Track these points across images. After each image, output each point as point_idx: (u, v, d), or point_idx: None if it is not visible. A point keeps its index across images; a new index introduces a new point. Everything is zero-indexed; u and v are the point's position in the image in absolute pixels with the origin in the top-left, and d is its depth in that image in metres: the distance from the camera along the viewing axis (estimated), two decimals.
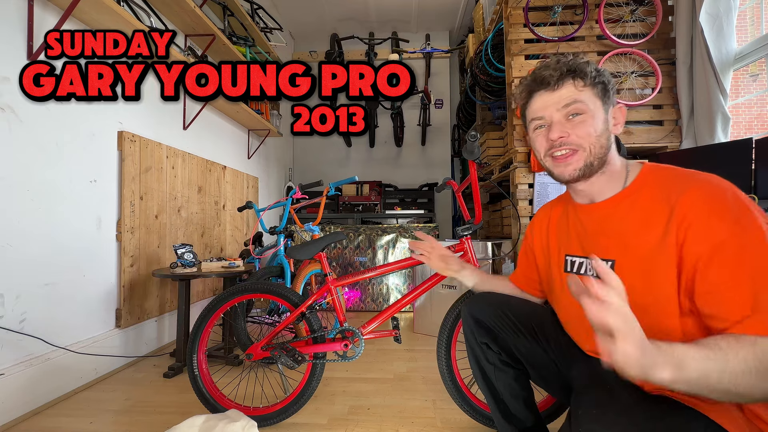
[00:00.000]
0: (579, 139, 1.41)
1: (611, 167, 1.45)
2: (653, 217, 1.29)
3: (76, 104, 3.01)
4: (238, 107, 4.99)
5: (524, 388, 1.85)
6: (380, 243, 5.46)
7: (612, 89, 1.45)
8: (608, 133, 1.43)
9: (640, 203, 1.35)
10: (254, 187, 6.25)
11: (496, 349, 1.81)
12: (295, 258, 2.56)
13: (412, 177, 8.39)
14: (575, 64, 1.43)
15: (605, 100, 1.43)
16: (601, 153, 1.41)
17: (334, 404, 2.69)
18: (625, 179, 1.44)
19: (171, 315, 3.99)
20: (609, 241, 1.41)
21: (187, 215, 4.33)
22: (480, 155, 2.65)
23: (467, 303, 1.92)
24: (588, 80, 1.41)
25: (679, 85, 3.97)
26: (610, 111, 1.45)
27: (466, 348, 1.94)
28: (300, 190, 3.68)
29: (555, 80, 1.44)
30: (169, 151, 4.01)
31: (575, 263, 1.56)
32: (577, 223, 1.57)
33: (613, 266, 1.37)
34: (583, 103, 1.40)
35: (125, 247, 3.39)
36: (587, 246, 1.51)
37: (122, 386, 3.01)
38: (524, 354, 1.76)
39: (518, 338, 1.76)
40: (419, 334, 4.28)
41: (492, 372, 1.85)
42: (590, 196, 1.51)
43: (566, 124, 1.43)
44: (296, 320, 2.43)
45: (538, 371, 1.78)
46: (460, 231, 2.46)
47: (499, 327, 1.79)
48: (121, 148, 3.39)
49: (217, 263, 3.45)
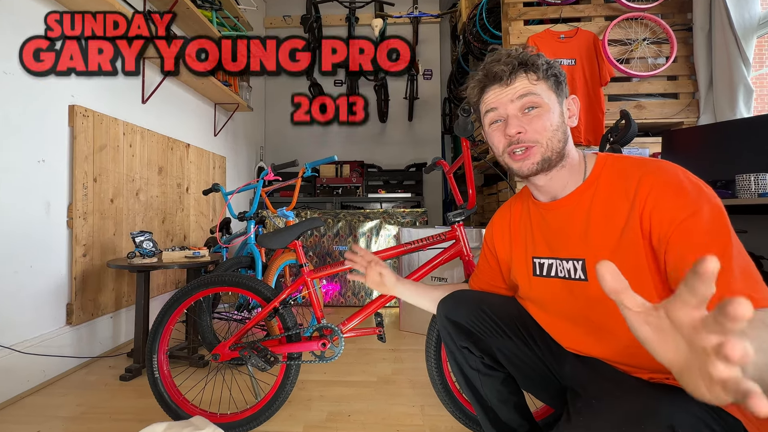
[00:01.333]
0: (536, 135, 1.46)
1: (570, 160, 1.51)
2: (615, 208, 1.37)
3: (23, 76, 3.00)
4: (203, 78, 4.95)
5: (513, 392, 1.84)
6: (362, 230, 5.49)
7: (564, 81, 1.52)
8: (564, 126, 1.50)
9: (600, 195, 1.43)
10: (221, 168, 6.24)
11: (479, 354, 1.79)
12: (267, 247, 2.57)
13: (398, 156, 8.40)
14: (526, 57, 1.49)
15: (559, 93, 1.50)
16: (558, 147, 1.47)
17: (310, 410, 2.70)
18: (584, 171, 1.51)
19: (128, 311, 3.99)
20: (576, 240, 1.48)
21: (147, 199, 4.32)
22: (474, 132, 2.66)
23: (441, 303, 1.91)
24: (541, 73, 1.47)
25: (696, 53, 3.96)
26: (564, 103, 1.52)
27: (446, 353, 1.95)
28: (272, 171, 3.69)
29: (507, 74, 1.49)
30: (127, 128, 3.99)
31: (544, 265, 1.60)
32: (541, 223, 1.63)
33: (584, 266, 1.45)
34: (537, 95, 1.46)
35: (77, 234, 3.39)
36: (555, 246, 1.56)
37: (74, 390, 3.01)
38: (509, 356, 1.75)
39: (502, 339, 1.75)
40: (406, 332, 4.31)
41: (477, 378, 1.83)
42: (552, 192, 1.56)
43: (522, 118, 1.48)
44: (268, 316, 2.44)
45: (525, 374, 1.76)
46: (451, 217, 2.47)
47: (480, 328, 1.78)
48: (72, 124, 3.37)
49: (179, 252, 3.46)
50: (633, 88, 4.19)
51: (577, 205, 1.48)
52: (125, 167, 3.96)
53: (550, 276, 1.57)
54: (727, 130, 3.27)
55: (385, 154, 8.42)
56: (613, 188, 1.39)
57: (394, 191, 7.86)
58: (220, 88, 5.40)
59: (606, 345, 1.44)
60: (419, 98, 8.22)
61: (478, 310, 1.80)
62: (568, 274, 1.50)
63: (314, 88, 7.58)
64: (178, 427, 2.09)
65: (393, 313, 5.05)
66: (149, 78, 4.42)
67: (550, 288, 1.58)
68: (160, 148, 4.55)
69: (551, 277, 1.57)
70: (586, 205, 1.45)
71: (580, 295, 1.48)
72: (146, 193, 4.30)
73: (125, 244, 3.93)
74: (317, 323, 2.46)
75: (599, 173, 1.46)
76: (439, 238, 2.47)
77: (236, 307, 3.55)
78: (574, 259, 1.48)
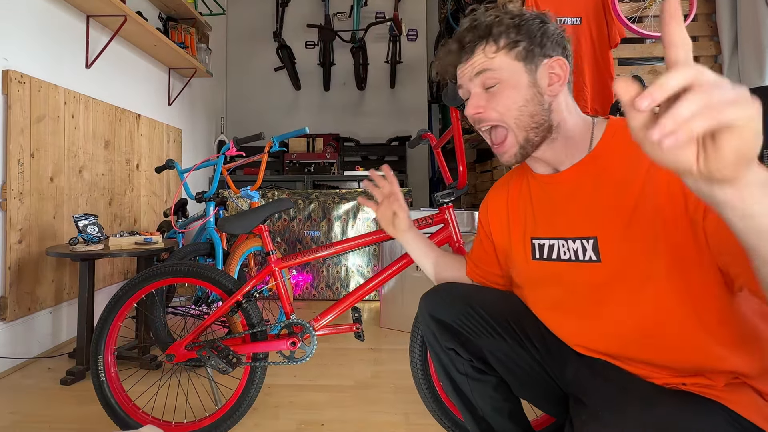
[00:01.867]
0: (496, 114, 1.45)
1: (565, 132, 1.47)
2: (629, 178, 1.32)
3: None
4: (155, 39, 4.91)
5: (507, 398, 1.79)
6: (337, 213, 5.50)
7: (541, 43, 1.44)
8: (539, 98, 1.44)
9: (611, 165, 1.39)
10: (177, 142, 6.20)
11: (467, 356, 1.74)
12: (229, 232, 2.55)
13: (378, 129, 8.42)
14: (484, 26, 1.46)
15: (530, 60, 1.44)
16: (533, 122, 1.44)
17: (278, 419, 2.69)
18: (590, 141, 1.47)
19: (70, 305, 3.97)
20: (584, 216, 1.44)
21: (91, 177, 4.28)
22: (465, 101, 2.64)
23: (424, 299, 1.87)
24: (502, 42, 1.44)
25: (719, 11, 3.94)
26: (542, 69, 1.45)
27: (431, 355, 1.90)
28: (235, 146, 3.66)
29: (465, 48, 1.50)
30: (68, 96, 3.94)
31: (544, 247, 1.57)
32: (542, 198, 1.60)
33: (596, 244, 1.40)
34: (494, 71, 1.44)
35: (11, 217, 3.35)
36: (558, 224, 1.53)
37: (7, 395, 3.00)
38: (502, 359, 1.71)
39: (493, 340, 1.70)
40: (387, 330, 4.33)
41: (466, 383, 1.78)
42: (551, 164, 1.54)
43: (483, 96, 1.48)
44: (230, 311, 2.43)
45: (521, 379, 1.72)
46: (439, 197, 2.45)
47: (468, 328, 1.73)
48: (6, 91, 3.32)
49: (129, 238, 3.43)
50: (646, 51, 4.18)
51: (583, 177, 1.45)
52: (67, 141, 3.91)
53: (551, 259, 1.53)
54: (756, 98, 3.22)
55: (364, 127, 8.44)
56: (625, 156, 1.35)
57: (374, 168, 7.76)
58: (175, 51, 5.34)
59: (613, 337, 1.41)
60: (403, 62, 8.22)
61: (466, 306, 1.75)
62: (575, 255, 1.46)
63: (283, 51, 7.55)
64: None
65: (373, 308, 5.07)
66: (94, 38, 4.36)
67: (550, 273, 1.54)
68: (106, 119, 4.50)
69: (552, 260, 1.53)
70: (593, 177, 1.42)
71: (587, 280, 1.43)
72: (91, 170, 4.26)
73: (67, 228, 3.89)
74: (286, 319, 2.45)
75: (609, 141, 1.43)
76: (425, 222, 2.45)
77: (193, 301, 3.54)
78: (582, 237, 1.43)
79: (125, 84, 4.97)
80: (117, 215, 4.70)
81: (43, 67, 3.71)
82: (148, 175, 5.34)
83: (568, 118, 1.47)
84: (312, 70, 8.33)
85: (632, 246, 1.30)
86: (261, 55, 8.35)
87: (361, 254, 5.42)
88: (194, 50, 6.04)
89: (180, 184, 5.34)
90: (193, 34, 5.99)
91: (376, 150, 8.15)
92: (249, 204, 4.22)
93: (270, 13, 8.28)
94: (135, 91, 5.18)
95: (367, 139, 8.32)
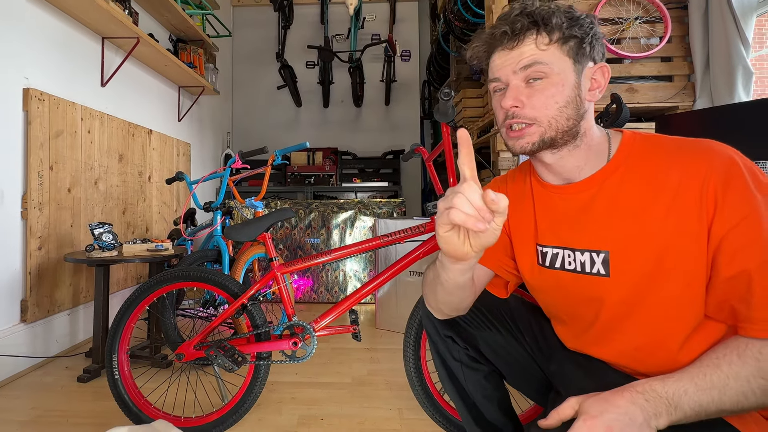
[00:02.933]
0: (534, 111, 1.31)
1: (589, 140, 1.35)
2: (650, 197, 1.23)
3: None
4: (166, 59, 4.94)
5: (497, 388, 1.78)
6: (336, 221, 5.52)
7: (591, 43, 1.31)
8: (578, 101, 1.31)
9: (629, 180, 1.29)
10: (186, 155, 6.21)
11: (463, 344, 1.74)
12: (235, 239, 2.56)
13: (374, 143, 8.42)
14: (540, 13, 1.30)
15: (579, 59, 1.31)
16: (566, 126, 1.31)
17: (280, 414, 2.70)
18: (608, 152, 1.35)
19: (87, 307, 3.98)
20: (597, 229, 1.34)
21: (106, 188, 4.30)
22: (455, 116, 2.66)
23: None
24: (556, 34, 1.29)
25: (692, 33, 3.94)
26: (587, 72, 1.33)
27: (429, 345, 1.90)
28: (240, 159, 3.68)
29: (513, 36, 1.32)
30: (85, 113, 3.96)
31: (548, 255, 1.48)
32: (549, 207, 1.48)
33: (606, 259, 1.31)
34: (545, 64, 1.29)
35: (32, 226, 3.37)
36: (564, 234, 1.43)
37: (28, 392, 3.01)
38: (496, 349, 1.71)
39: (488, 331, 1.72)
40: (382, 330, 4.34)
41: (460, 370, 1.77)
42: (564, 174, 1.41)
43: (524, 90, 1.32)
44: (236, 313, 2.45)
45: (513, 369, 1.73)
46: (431, 207, 2.45)
47: (466, 318, 1.72)
48: (27, 108, 3.35)
49: (141, 245, 3.45)
50: (625, 70, 4.21)
51: (600, 190, 1.33)
52: (83, 154, 3.94)
53: (555, 268, 1.46)
54: (725, 115, 3.15)
55: (361, 141, 8.44)
56: (646, 173, 1.26)
57: (369, 180, 7.90)
58: (184, 70, 5.37)
59: (611, 347, 1.38)
60: (397, 81, 8.23)
61: None
62: (581, 267, 1.38)
63: (285, 70, 7.57)
64: (139, 431, 2.08)
65: (368, 310, 5.08)
66: (109, 59, 4.39)
67: (556, 282, 1.47)
68: (120, 134, 4.52)
69: (556, 269, 1.45)
70: (610, 191, 1.31)
71: (589, 293, 1.37)
72: (106, 182, 4.28)
73: (83, 236, 3.91)
74: (288, 321, 2.46)
75: (627, 154, 1.32)
76: (417, 230, 2.46)
77: (201, 304, 3.54)
78: (592, 250, 1.34)
79: (138, 101, 4.99)
80: (130, 224, 4.72)
81: (61, 86, 3.74)
82: (159, 186, 5.36)
83: (593, 127, 1.37)
84: (312, 89, 8.33)
85: (644, 267, 1.25)
86: (264, 74, 8.38)
87: (358, 260, 5.43)
88: (202, 70, 6.07)
89: (189, 195, 5.34)
90: (202, 54, 6.01)
91: (372, 163, 8.15)
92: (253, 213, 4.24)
93: (273, 36, 8.29)
94: (147, 108, 5.20)
95: (363, 152, 8.31)
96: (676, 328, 1.23)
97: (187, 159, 6.26)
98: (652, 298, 1.25)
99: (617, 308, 1.32)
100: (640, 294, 1.26)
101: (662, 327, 1.25)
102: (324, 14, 8.09)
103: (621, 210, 1.28)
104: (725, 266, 1.11)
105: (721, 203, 1.12)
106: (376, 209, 5.54)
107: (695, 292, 1.19)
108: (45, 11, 3.57)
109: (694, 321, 1.21)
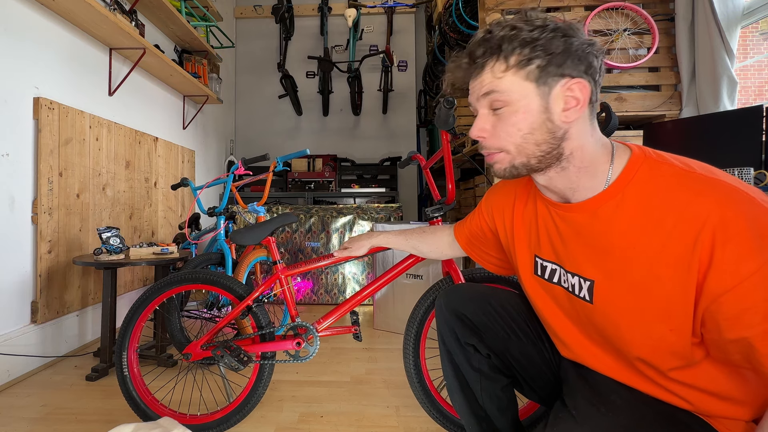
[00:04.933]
0: (499, 141, 1.28)
1: (579, 161, 1.25)
2: (647, 233, 1.14)
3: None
4: (171, 69, 4.95)
5: (511, 399, 1.74)
6: (335, 226, 5.53)
7: (561, 62, 1.18)
8: (550, 124, 1.22)
9: (627, 210, 1.19)
10: (190, 162, 6.21)
11: (486, 352, 1.66)
12: (241, 243, 2.55)
13: (372, 150, 8.44)
14: (495, 39, 1.23)
15: (544, 81, 1.20)
16: (539, 151, 1.24)
17: (282, 411, 2.70)
18: (608, 173, 1.24)
19: (95, 309, 3.98)
20: (588, 256, 1.29)
21: (114, 194, 4.30)
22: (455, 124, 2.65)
23: (444, 296, 1.79)
24: (513, 59, 1.21)
25: (679, 44, 3.99)
26: (557, 92, 1.21)
27: (441, 352, 1.83)
28: (243, 165, 3.69)
29: (475, 63, 1.28)
30: (93, 121, 3.97)
31: (546, 269, 1.46)
32: (548, 223, 1.43)
33: (592, 288, 1.28)
34: (501, 93, 1.23)
35: (42, 230, 3.37)
36: (560, 253, 1.39)
37: (39, 390, 3.00)
38: (518, 359, 1.64)
39: (511, 339, 1.65)
40: (380, 331, 4.35)
41: (477, 381, 1.70)
42: (559, 193, 1.35)
43: (489, 118, 1.29)
44: (241, 315, 2.44)
45: (531, 376, 1.66)
46: (429, 212, 2.44)
47: (489, 325, 1.66)
48: (37, 116, 3.35)
49: (147, 249, 3.45)
50: (614, 80, 4.23)
51: (593, 217, 1.26)
52: (92, 161, 3.94)
53: (552, 282, 1.44)
54: (711, 124, 3.23)
55: (359, 148, 8.46)
56: (642, 208, 1.15)
57: (368, 186, 7.92)
58: (189, 80, 5.37)
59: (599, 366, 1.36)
60: (394, 90, 8.24)
61: (486, 304, 1.70)
62: (572, 288, 1.35)
63: (286, 80, 7.58)
64: (146, 428, 2.08)
65: (367, 312, 5.08)
66: (116, 69, 4.40)
67: (550, 293, 1.47)
68: (127, 142, 4.53)
69: (553, 283, 1.44)
70: (604, 221, 1.23)
71: (579, 312, 1.36)
72: (113, 187, 4.29)
73: (92, 240, 3.91)
74: (291, 322, 2.46)
75: (627, 183, 1.20)
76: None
77: (205, 305, 3.55)
78: (581, 276, 1.31)
79: (144, 110, 5.00)
80: (137, 228, 4.72)
81: (70, 95, 3.75)
82: (165, 192, 5.36)
83: (586, 146, 1.25)
84: (312, 98, 8.34)
85: (626, 303, 1.19)
86: (266, 83, 8.38)
87: (356, 264, 5.44)
88: (206, 80, 6.08)
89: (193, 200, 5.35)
90: (206, 65, 6.03)
91: (370, 169, 8.16)
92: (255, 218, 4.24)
93: (274, 47, 8.31)
94: (153, 116, 5.20)
95: (362, 159, 8.34)
96: (659, 363, 1.19)
97: (192, 166, 6.25)
98: (635, 333, 1.20)
99: (601, 335, 1.31)
100: (620, 328, 1.22)
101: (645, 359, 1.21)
102: (324, 26, 8.12)
103: (610, 242, 1.22)
104: (727, 330, 1.02)
105: (719, 257, 1.01)
106: (374, 214, 5.55)
107: (680, 335, 1.12)
108: (56, 24, 3.58)
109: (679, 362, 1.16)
